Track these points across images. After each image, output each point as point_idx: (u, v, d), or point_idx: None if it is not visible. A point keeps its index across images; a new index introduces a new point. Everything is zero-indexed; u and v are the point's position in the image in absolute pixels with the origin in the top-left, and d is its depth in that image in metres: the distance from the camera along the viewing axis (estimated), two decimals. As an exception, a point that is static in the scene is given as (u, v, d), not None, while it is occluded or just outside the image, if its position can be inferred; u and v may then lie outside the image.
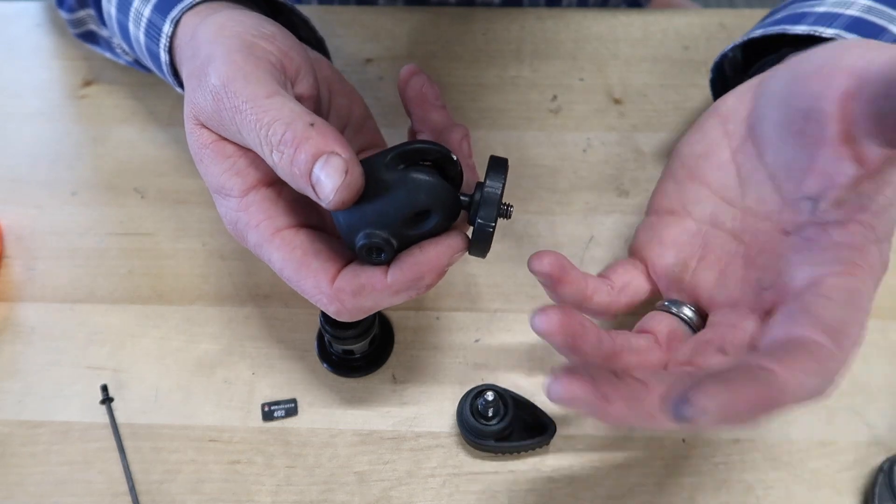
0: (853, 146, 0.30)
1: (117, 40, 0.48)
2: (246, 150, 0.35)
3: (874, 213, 0.31)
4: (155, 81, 0.56)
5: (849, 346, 0.29)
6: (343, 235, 0.33)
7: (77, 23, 0.52)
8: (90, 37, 0.54)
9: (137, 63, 0.51)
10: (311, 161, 0.31)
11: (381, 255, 0.33)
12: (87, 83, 0.56)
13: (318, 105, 0.38)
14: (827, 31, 0.37)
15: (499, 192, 0.32)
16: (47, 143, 0.53)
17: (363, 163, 0.32)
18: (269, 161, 0.32)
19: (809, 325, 0.29)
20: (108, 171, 0.52)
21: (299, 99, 0.36)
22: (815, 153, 0.31)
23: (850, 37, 0.37)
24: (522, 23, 0.58)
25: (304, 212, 0.36)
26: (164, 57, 0.41)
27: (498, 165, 0.33)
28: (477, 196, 0.33)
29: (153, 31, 0.42)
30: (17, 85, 0.56)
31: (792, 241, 0.33)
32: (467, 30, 0.58)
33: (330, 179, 0.30)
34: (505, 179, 0.32)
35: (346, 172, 0.31)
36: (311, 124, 0.31)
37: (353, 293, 0.33)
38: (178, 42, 0.41)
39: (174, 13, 0.40)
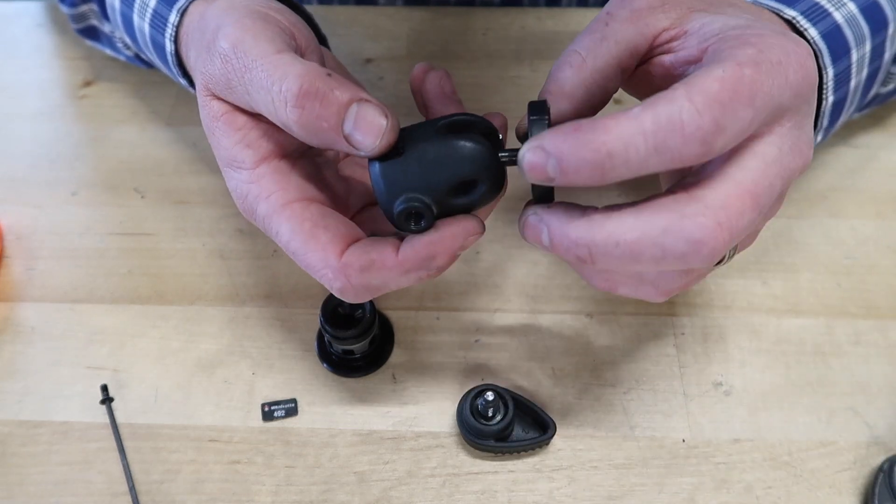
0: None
1: (119, 34, 0.48)
2: (258, 121, 0.34)
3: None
4: (155, 81, 0.56)
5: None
6: (380, 199, 0.32)
7: (79, 18, 0.52)
8: (91, 32, 0.53)
9: (138, 58, 0.51)
10: (343, 110, 0.30)
11: (421, 222, 0.32)
12: (87, 83, 0.56)
13: None
14: None
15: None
16: (47, 143, 0.53)
17: (411, 128, 0.32)
18: (282, 119, 0.31)
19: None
20: (108, 171, 0.52)
21: None
22: None
23: (770, 2, 0.38)
24: (522, 23, 0.58)
25: (316, 187, 0.35)
26: (169, 47, 0.41)
27: (536, 109, 0.31)
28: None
29: (159, 21, 0.42)
30: (17, 85, 0.56)
31: None
32: (467, 30, 0.58)
33: (370, 127, 0.30)
34: (549, 118, 0.31)
35: (387, 116, 0.30)
36: (329, 75, 0.31)
37: (360, 269, 0.32)
38: (184, 30, 0.41)
39: (181, 2, 0.41)
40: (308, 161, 0.36)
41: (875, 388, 0.42)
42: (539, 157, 0.27)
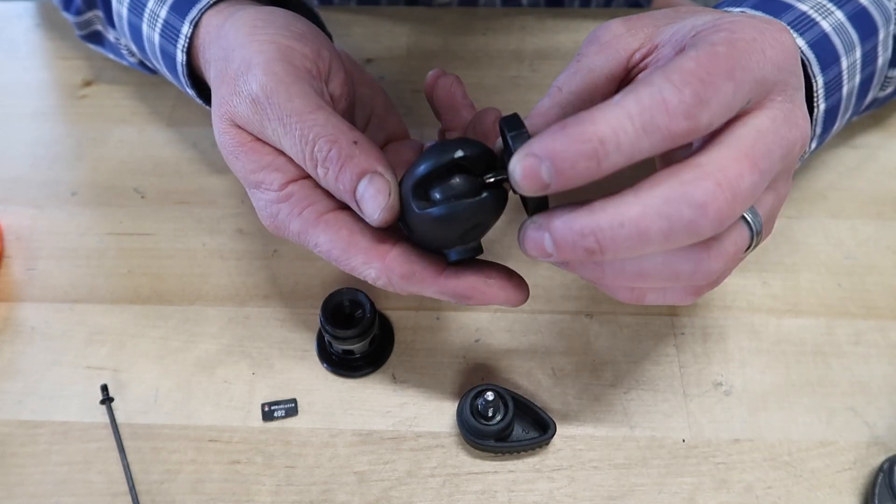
0: None
1: (125, 41, 0.48)
2: (282, 152, 0.36)
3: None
4: (155, 81, 0.56)
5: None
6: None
7: (83, 24, 0.52)
8: (96, 38, 0.54)
9: (142, 65, 0.51)
10: (356, 179, 0.33)
11: (476, 254, 0.34)
12: (87, 83, 0.56)
13: (350, 100, 0.39)
14: (734, 10, 0.38)
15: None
16: (47, 143, 0.53)
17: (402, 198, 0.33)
18: (311, 173, 0.34)
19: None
20: (108, 171, 0.52)
21: (332, 98, 0.37)
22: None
23: (756, 14, 0.38)
24: (523, 23, 0.58)
25: None
26: (180, 57, 0.42)
27: (512, 125, 0.30)
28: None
29: (170, 31, 0.42)
30: (17, 85, 0.56)
31: None
32: (467, 30, 0.58)
33: (374, 200, 0.33)
34: (526, 130, 0.30)
35: (390, 194, 0.33)
36: (355, 142, 0.33)
37: (402, 276, 0.34)
38: (199, 42, 0.41)
39: (192, 14, 0.41)
40: None
41: (875, 388, 0.42)
42: (531, 163, 0.27)
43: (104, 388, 0.42)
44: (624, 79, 0.34)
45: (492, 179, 0.32)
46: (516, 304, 0.34)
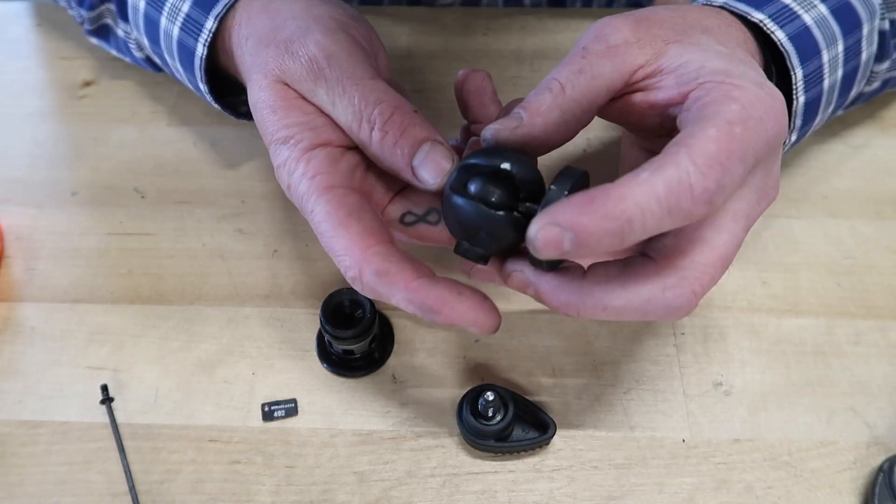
0: None
1: (136, 35, 0.48)
2: (322, 113, 0.36)
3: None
4: (155, 81, 0.56)
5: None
6: (450, 229, 0.35)
7: (94, 18, 0.52)
8: (102, 32, 0.53)
9: (148, 61, 0.50)
10: (417, 145, 0.33)
11: (478, 261, 0.34)
12: (87, 83, 0.56)
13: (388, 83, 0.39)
14: (717, 1, 0.39)
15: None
16: (47, 143, 0.53)
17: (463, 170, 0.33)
18: (361, 136, 0.34)
19: None
20: (108, 171, 0.52)
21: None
22: None
23: (739, 5, 0.38)
24: (523, 23, 0.58)
25: (359, 180, 0.36)
26: (201, 51, 0.42)
27: (565, 177, 0.31)
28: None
29: (192, 26, 0.42)
30: (17, 85, 0.56)
31: None
32: (468, 30, 0.58)
33: (437, 166, 0.33)
34: (568, 190, 0.30)
35: (453, 160, 0.33)
36: (416, 111, 0.34)
37: (376, 272, 0.33)
38: (229, 26, 0.42)
39: (218, 9, 0.41)
40: (355, 154, 0.37)
41: (875, 388, 0.42)
42: (555, 233, 0.27)
43: (104, 388, 0.42)
44: (620, 91, 0.34)
45: (521, 209, 0.32)
46: (485, 330, 0.33)
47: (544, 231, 0.27)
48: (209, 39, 0.41)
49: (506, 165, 0.31)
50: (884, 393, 0.42)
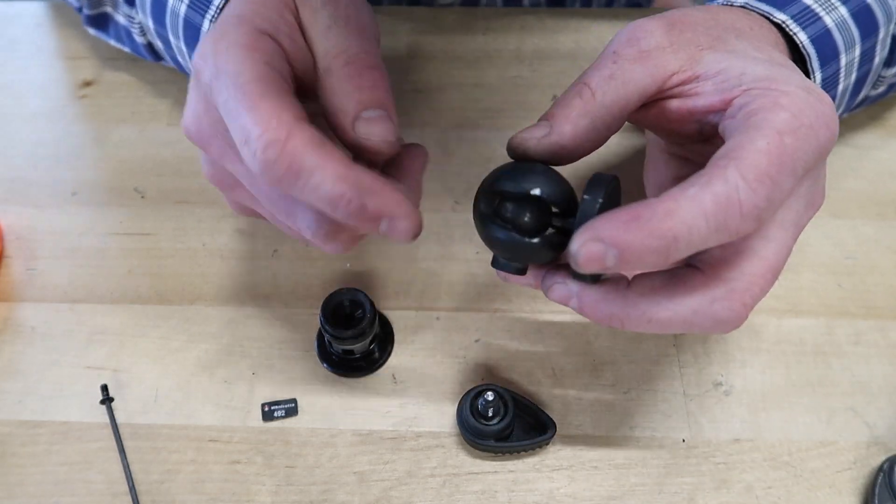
0: None
1: (140, 18, 0.48)
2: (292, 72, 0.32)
3: None
4: (155, 81, 0.56)
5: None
6: None
7: (94, 3, 0.52)
8: (101, 21, 0.53)
9: (149, 47, 0.50)
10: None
11: (517, 273, 0.33)
12: (87, 83, 0.56)
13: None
14: (737, 1, 0.38)
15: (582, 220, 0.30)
16: (47, 143, 0.53)
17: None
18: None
19: None
20: (108, 171, 0.52)
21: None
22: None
23: (760, 5, 0.37)
24: (522, 23, 0.58)
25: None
26: (206, 26, 0.41)
27: (595, 185, 0.30)
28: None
29: (200, 2, 0.42)
30: (17, 85, 0.56)
31: None
32: (468, 30, 0.58)
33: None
34: (603, 198, 0.30)
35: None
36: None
37: (309, 141, 0.28)
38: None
39: None
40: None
41: (875, 388, 0.42)
42: (597, 249, 0.27)
43: (104, 388, 0.42)
44: (653, 97, 0.33)
45: (555, 224, 0.31)
46: (411, 229, 0.29)
47: (587, 248, 0.27)
48: (216, 15, 0.41)
49: (535, 191, 0.31)
50: (884, 393, 0.42)
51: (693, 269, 0.31)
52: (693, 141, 0.34)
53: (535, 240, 0.31)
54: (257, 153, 0.28)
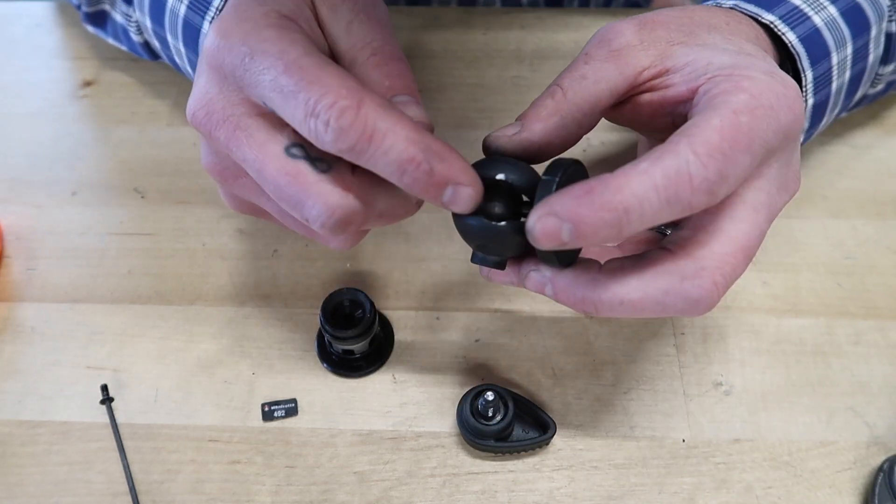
0: None
1: (137, 17, 0.48)
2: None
3: None
4: (155, 81, 0.56)
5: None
6: None
7: (92, 0, 0.52)
8: (99, 18, 0.53)
9: (146, 46, 0.50)
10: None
11: (495, 267, 0.34)
12: (87, 83, 0.56)
13: None
14: (726, 3, 0.38)
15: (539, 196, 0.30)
16: (47, 143, 0.53)
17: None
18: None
19: None
20: (108, 171, 0.52)
21: None
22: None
23: (748, 6, 0.38)
24: (522, 23, 0.58)
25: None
26: (206, 28, 0.41)
27: (553, 168, 0.30)
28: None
29: (199, 3, 0.42)
30: (17, 85, 0.56)
31: None
32: (467, 30, 0.58)
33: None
34: (559, 179, 0.30)
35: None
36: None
37: (379, 105, 0.28)
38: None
39: None
40: None
41: (875, 388, 0.42)
42: (552, 223, 0.27)
43: (104, 388, 0.42)
44: (625, 93, 0.33)
45: (525, 212, 0.31)
46: (472, 194, 0.30)
47: (542, 222, 0.27)
48: (215, 16, 0.41)
49: (500, 176, 0.31)
50: (884, 393, 0.42)
51: (664, 250, 0.31)
52: (669, 134, 0.34)
53: (503, 223, 0.31)
54: (331, 122, 0.27)
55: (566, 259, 0.32)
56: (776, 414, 0.42)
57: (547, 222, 0.27)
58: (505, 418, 0.39)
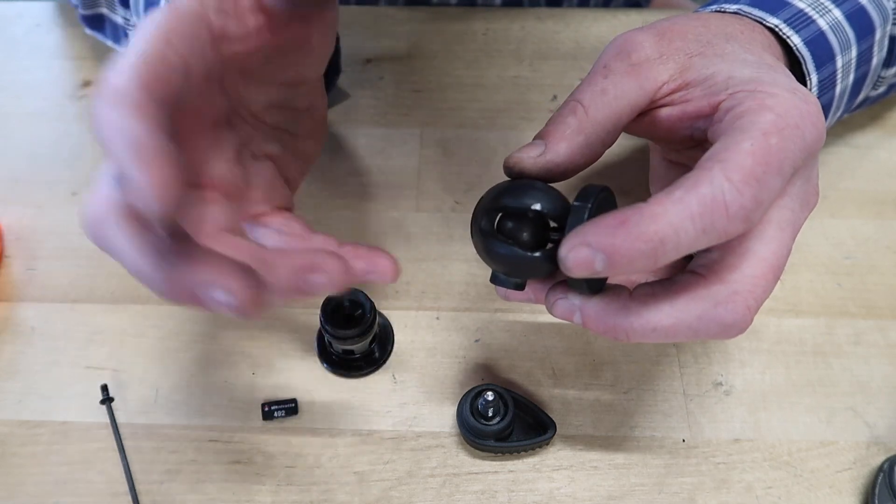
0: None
1: (136, 20, 0.48)
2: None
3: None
4: (155, 81, 0.56)
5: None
6: None
7: (90, 3, 0.52)
8: (97, 21, 0.53)
9: None
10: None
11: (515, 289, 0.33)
12: (87, 83, 0.56)
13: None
14: (730, 7, 0.38)
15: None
16: (47, 143, 0.53)
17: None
18: None
19: None
20: (108, 171, 0.52)
21: None
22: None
23: (753, 10, 0.37)
24: (522, 23, 0.58)
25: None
26: None
27: (584, 196, 0.30)
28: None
29: None
30: (17, 85, 0.56)
31: None
32: (467, 30, 0.58)
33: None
34: (593, 206, 0.30)
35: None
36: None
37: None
38: None
39: None
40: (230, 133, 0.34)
41: (875, 388, 0.42)
42: (585, 254, 0.27)
43: (104, 388, 0.42)
44: (645, 108, 0.33)
45: (553, 238, 0.32)
46: (387, 273, 0.32)
47: (575, 252, 0.27)
48: None
49: (535, 206, 0.31)
50: (884, 393, 0.42)
51: (694, 274, 0.31)
52: (686, 147, 0.34)
53: (537, 254, 0.31)
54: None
55: (596, 286, 0.32)
56: (776, 414, 0.42)
57: (580, 252, 0.27)
58: (505, 418, 0.39)
